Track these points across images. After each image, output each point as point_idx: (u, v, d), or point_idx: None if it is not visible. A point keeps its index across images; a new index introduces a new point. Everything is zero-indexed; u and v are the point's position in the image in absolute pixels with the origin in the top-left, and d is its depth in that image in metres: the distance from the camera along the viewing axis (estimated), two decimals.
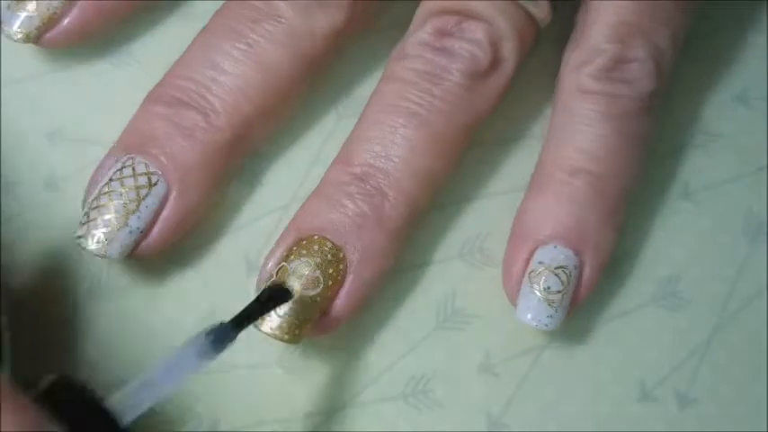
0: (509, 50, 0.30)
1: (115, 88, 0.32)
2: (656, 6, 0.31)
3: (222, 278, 0.31)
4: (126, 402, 0.24)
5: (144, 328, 0.31)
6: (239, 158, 0.31)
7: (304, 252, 0.29)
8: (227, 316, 0.31)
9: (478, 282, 0.32)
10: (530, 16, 0.30)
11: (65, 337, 0.30)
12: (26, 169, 0.31)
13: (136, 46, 0.32)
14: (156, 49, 0.32)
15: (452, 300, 0.32)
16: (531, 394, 0.31)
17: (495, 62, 0.30)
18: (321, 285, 0.29)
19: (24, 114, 0.32)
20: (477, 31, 0.30)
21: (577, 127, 0.30)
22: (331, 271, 0.29)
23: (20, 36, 0.30)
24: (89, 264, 0.31)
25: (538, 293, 0.30)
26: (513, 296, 0.30)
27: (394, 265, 0.30)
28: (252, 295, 0.30)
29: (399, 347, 0.31)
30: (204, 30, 0.31)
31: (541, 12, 0.30)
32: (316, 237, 0.29)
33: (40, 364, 0.30)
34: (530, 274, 0.30)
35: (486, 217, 0.32)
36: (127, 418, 0.24)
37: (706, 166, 0.34)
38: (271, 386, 0.31)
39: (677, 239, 0.33)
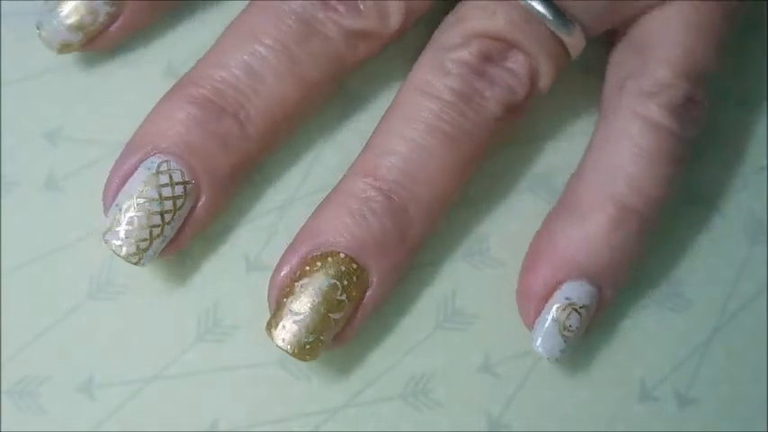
0: (543, 86, 0.30)
1: (115, 88, 0.32)
2: (709, 46, 0.30)
3: (222, 277, 0.31)
4: None
5: (144, 327, 0.31)
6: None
7: (332, 272, 0.28)
8: (227, 315, 0.31)
9: (479, 282, 0.32)
10: (565, 50, 0.30)
11: (64, 338, 0.30)
12: (26, 169, 0.31)
13: (135, 46, 0.32)
14: (156, 50, 0.32)
15: (452, 300, 0.32)
16: (531, 394, 0.31)
17: (529, 96, 0.30)
18: (344, 308, 0.28)
19: (24, 114, 0.32)
20: (519, 63, 0.29)
21: (637, 159, 0.30)
22: (354, 293, 0.29)
23: (57, 46, 0.30)
24: (89, 264, 0.31)
25: (557, 328, 0.29)
26: (528, 318, 0.30)
27: None
28: (250, 294, 0.31)
29: (399, 347, 0.31)
30: (244, 29, 0.29)
31: (578, 46, 0.30)
32: (343, 256, 0.28)
33: (38, 364, 0.30)
34: (555, 306, 0.30)
35: (487, 218, 0.32)
36: None
37: (706, 167, 0.34)
38: (271, 386, 0.31)
39: (677, 240, 0.33)
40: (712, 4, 0.30)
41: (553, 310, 0.30)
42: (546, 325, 0.30)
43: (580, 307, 0.29)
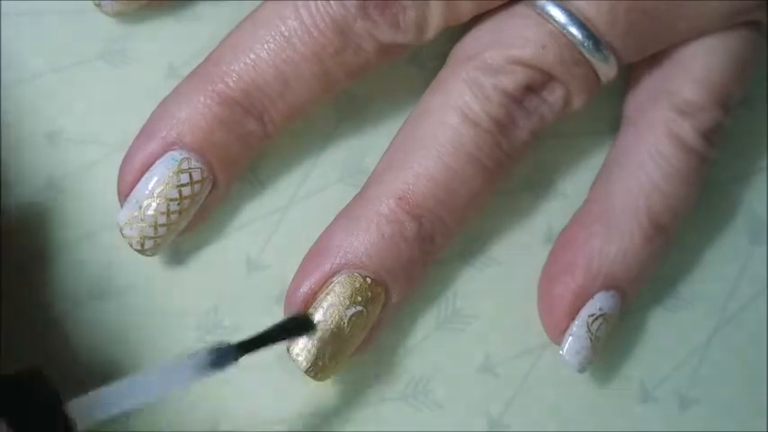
0: (572, 111, 0.30)
1: (115, 88, 0.32)
2: (745, 77, 0.31)
3: (222, 278, 0.31)
4: (96, 403, 0.24)
5: (144, 328, 0.31)
6: None
7: (359, 299, 0.28)
8: (226, 316, 0.31)
9: (478, 282, 0.32)
10: (597, 77, 0.29)
11: (63, 337, 0.30)
12: (26, 169, 0.31)
13: (135, 46, 0.32)
14: (156, 49, 0.32)
15: (452, 300, 0.32)
16: (531, 394, 0.31)
17: (556, 121, 0.30)
18: (366, 330, 0.29)
19: (24, 114, 0.32)
20: (557, 96, 0.29)
21: (671, 180, 0.30)
22: (375, 314, 0.29)
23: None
24: (89, 264, 0.31)
25: (590, 338, 0.29)
26: (555, 329, 0.30)
27: None
28: (250, 294, 0.31)
29: (399, 348, 0.31)
30: (276, 27, 0.28)
31: (610, 74, 0.29)
32: (370, 281, 0.28)
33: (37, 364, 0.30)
34: (588, 317, 0.30)
35: (487, 217, 0.32)
36: (92, 417, 0.23)
37: None
38: (271, 386, 0.31)
39: (677, 239, 0.33)
40: (756, 38, 0.31)
41: (586, 322, 0.30)
42: (579, 336, 0.30)
43: (610, 317, 0.30)
